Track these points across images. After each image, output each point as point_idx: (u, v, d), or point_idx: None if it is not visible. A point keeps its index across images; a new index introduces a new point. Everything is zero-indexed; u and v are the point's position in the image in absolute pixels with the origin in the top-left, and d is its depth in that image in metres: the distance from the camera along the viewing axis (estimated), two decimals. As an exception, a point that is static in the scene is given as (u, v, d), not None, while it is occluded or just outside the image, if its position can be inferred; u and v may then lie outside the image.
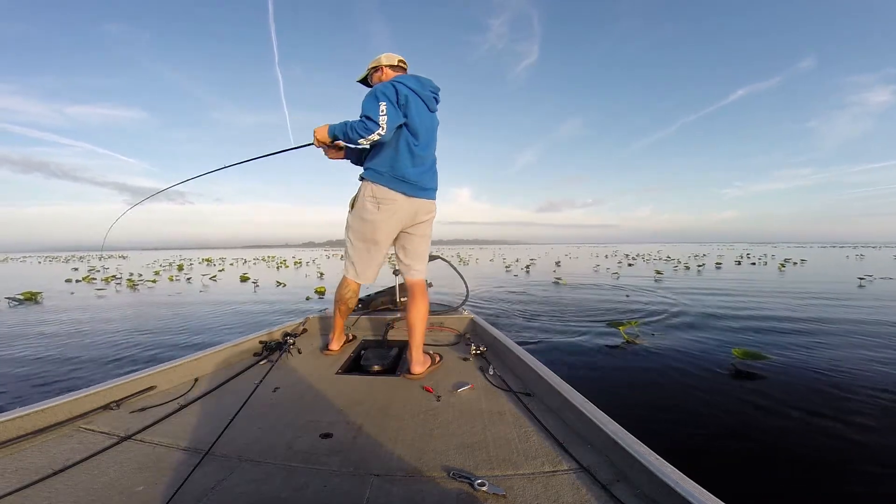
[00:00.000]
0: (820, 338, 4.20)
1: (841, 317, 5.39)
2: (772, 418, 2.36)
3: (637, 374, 3.14)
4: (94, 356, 3.88)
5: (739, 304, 6.47)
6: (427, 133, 1.84)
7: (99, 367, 3.57)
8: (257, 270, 17.52)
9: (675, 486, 0.85)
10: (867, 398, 2.61)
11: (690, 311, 5.87)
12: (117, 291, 10.04)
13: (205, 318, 5.81)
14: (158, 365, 1.74)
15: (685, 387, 2.85)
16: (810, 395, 2.70)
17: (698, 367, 3.26)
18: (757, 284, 9.79)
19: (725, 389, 2.80)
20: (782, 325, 4.90)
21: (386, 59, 1.91)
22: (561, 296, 7.79)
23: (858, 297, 7.26)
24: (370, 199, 1.82)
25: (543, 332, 4.62)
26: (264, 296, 8.37)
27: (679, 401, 2.61)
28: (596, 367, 3.34)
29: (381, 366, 1.99)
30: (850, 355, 3.54)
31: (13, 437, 1.22)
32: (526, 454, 1.16)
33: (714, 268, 15.93)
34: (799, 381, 2.94)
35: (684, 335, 4.36)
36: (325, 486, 1.03)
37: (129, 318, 6.02)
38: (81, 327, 5.31)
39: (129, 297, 8.87)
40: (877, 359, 3.43)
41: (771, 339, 4.14)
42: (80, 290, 10.11)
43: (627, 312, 5.80)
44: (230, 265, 23.19)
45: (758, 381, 2.94)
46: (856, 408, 2.46)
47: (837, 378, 2.97)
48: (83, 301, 8.06)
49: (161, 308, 7.01)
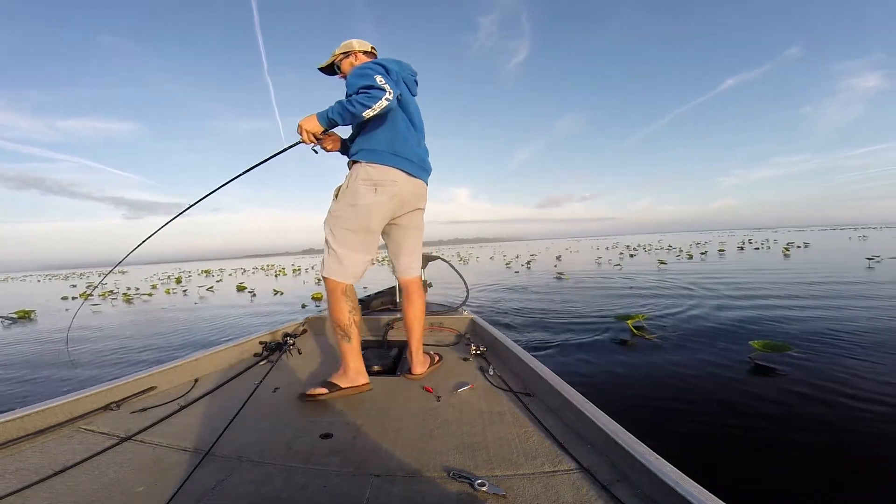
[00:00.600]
0: (840, 323, 3.95)
1: (858, 300, 5.15)
2: (798, 421, 2.10)
3: (646, 371, 2.93)
4: (55, 375, 3.83)
5: (749, 292, 6.17)
6: (419, 115, 1.75)
7: (55, 384, 3.54)
8: (255, 280, 17.37)
9: (676, 486, 0.85)
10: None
11: (699, 300, 5.65)
12: (113, 306, 9.96)
13: (196, 331, 5.67)
14: (159, 365, 1.74)
15: (698, 385, 2.61)
16: (844, 389, 2.43)
17: (712, 361, 3.03)
18: (765, 270, 9.48)
19: (746, 388, 2.53)
20: (797, 312, 4.63)
21: (359, 44, 1.76)
22: (563, 290, 7.58)
23: (870, 280, 7.01)
24: (364, 181, 1.60)
25: (545, 329, 4.44)
26: (259, 306, 8.17)
27: (691, 402, 2.39)
28: (603, 364, 3.14)
29: (381, 366, 1.98)
30: (880, 339, 3.33)
31: (13, 438, 1.22)
32: (526, 454, 1.16)
33: (717, 255, 15.69)
34: (828, 374, 2.66)
35: (695, 326, 4.14)
36: (325, 486, 1.03)
37: (117, 332, 5.94)
38: (59, 345, 5.26)
39: (124, 311, 8.80)
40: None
41: (789, 329, 3.88)
42: (76, 307, 10.00)
43: (634, 305, 5.60)
44: (229, 276, 23.03)
45: (781, 378, 2.67)
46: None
47: (871, 372, 2.70)
48: (77, 318, 7.92)
49: (152, 321, 6.95)
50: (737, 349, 3.32)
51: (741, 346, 3.39)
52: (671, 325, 4.23)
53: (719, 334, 3.83)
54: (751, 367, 2.89)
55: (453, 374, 1.84)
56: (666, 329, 4.08)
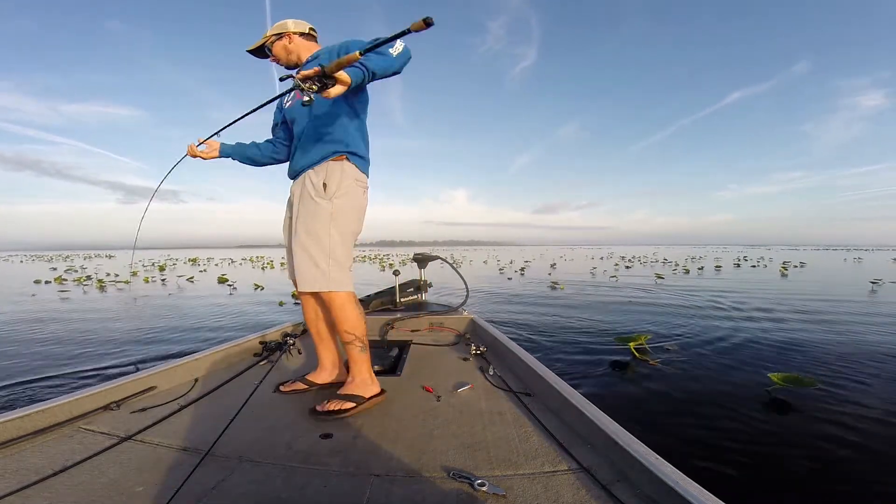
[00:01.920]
0: (858, 347, 3.75)
1: (869, 325, 4.94)
2: (834, 471, 1.80)
3: (650, 404, 2.60)
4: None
5: (755, 313, 5.81)
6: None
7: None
8: (242, 271, 16.81)
9: (675, 486, 0.85)
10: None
11: (702, 320, 5.31)
12: (85, 293, 9.50)
13: (153, 329, 5.10)
14: (158, 365, 1.74)
15: (711, 422, 2.28)
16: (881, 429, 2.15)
17: (723, 392, 2.71)
18: (766, 289, 9.22)
19: (766, 427, 2.22)
20: (806, 335, 4.38)
21: (294, 25, 1.61)
22: (558, 302, 7.16)
23: (876, 303, 6.86)
24: (357, 182, 1.54)
25: (535, 348, 4.01)
26: (235, 303, 7.43)
27: (703, 443, 2.06)
28: (599, 394, 2.77)
29: (381, 366, 1.97)
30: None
31: (13, 438, 1.21)
32: (526, 454, 1.15)
33: (714, 271, 15.48)
34: (858, 413, 2.36)
35: (701, 351, 3.80)
36: (325, 486, 1.03)
37: (74, 324, 5.46)
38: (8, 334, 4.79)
39: (92, 298, 8.35)
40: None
41: (803, 356, 3.58)
42: (45, 293, 9.51)
43: (634, 322, 5.24)
44: (215, 265, 22.59)
45: (804, 416, 2.36)
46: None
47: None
48: (41, 304, 7.45)
49: (112, 311, 6.52)
50: (749, 378, 3.00)
51: (752, 373, 3.11)
52: (675, 348, 3.89)
53: (728, 360, 3.54)
54: (768, 401, 2.56)
55: (453, 373, 1.84)
56: (669, 353, 3.74)
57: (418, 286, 3.37)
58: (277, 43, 1.60)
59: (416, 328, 2.66)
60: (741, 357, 3.61)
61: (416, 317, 2.70)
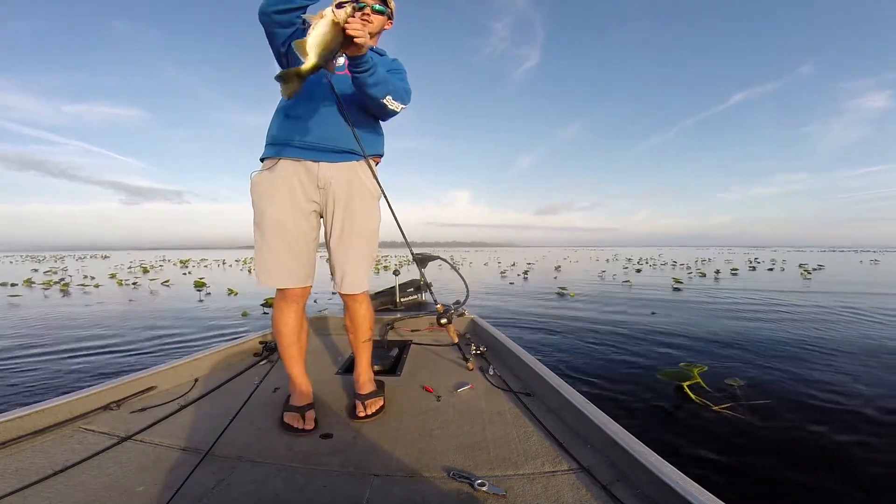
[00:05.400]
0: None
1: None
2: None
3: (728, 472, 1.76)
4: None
5: (816, 332, 4.55)
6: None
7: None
8: (226, 274, 16.12)
9: (675, 486, 0.84)
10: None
11: (761, 342, 4.12)
12: (46, 297, 8.85)
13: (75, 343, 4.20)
14: (158, 365, 1.73)
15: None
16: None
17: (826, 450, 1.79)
18: (802, 294, 8.27)
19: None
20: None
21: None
22: (568, 314, 5.93)
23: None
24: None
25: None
26: (200, 312, 6.44)
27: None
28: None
29: (381, 366, 1.96)
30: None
31: (13, 438, 1.21)
32: (526, 454, 1.15)
33: (730, 274, 14.33)
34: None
35: (779, 388, 2.76)
36: (325, 486, 1.03)
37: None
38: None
39: (39, 304, 7.75)
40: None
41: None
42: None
43: (669, 344, 4.04)
44: (204, 267, 21.95)
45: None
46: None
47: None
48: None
49: (41, 322, 5.67)
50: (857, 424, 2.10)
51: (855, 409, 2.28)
52: (740, 383, 2.82)
53: (821, 402, 2.53)
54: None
55: (453, 373, 1.84)
56: (737, 390, 2.73)
57: (418, 286, 3.32)
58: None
59: (416, 328, 2.66)
60: (834, 398, 2.55)
61: (416, 317, 2.69)
